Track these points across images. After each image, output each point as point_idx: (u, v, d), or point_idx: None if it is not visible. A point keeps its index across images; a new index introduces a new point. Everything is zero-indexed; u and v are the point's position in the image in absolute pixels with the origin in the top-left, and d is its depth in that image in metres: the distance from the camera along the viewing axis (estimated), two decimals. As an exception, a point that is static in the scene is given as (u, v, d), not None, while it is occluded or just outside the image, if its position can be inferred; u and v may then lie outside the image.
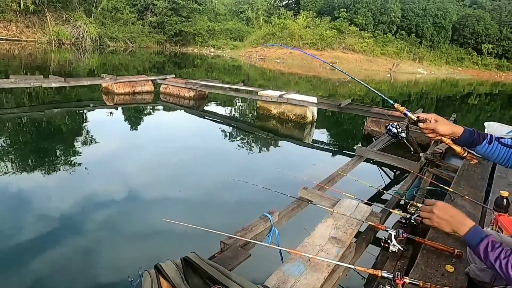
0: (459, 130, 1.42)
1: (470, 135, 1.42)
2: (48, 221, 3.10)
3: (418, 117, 1.43)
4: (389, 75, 24.94)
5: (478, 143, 1.42)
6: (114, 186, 3.88)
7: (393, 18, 30.27)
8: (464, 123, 9.44)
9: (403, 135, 1.57)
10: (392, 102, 1.56)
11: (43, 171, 4.24)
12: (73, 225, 3.09)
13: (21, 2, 23.23)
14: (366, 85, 1.64)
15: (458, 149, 1.45)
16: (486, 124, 4.69)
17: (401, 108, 1.49)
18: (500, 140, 1.43)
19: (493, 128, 4.54)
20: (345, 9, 30.01)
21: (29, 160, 4.62)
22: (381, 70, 27.11)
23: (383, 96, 1.64)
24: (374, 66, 27.70)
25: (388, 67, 27.74)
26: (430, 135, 1.42)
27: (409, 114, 1.46)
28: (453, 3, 34.04)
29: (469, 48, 32.30)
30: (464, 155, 1.48)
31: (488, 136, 1.43)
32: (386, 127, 1.47)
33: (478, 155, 1.49)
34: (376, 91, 1.64)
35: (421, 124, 1.42)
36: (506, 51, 31.92)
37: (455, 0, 35.40)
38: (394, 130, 1.58)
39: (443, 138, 1.44)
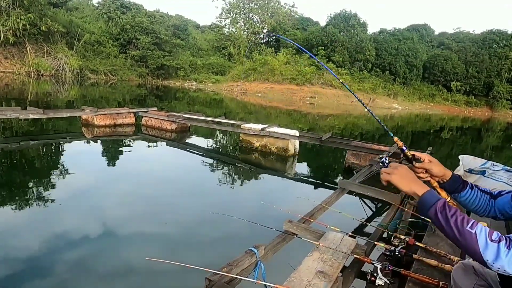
0: (449, 173, 1.44)
1: (457, 181, 1.45)
2: (18, 260, 2.92)
3: (413, 155, 1.44)
4: (366, 110, 25.85)
5: (463, 189, 1.45)
6: (92, 223, 3.73)
7: (368, 56, 31.94)
8: (439, 156, 9.79)
9: None
10: (392, 134, 1.56)
11: (14, 206, 4.03)
12: (46, 266, 2.91)
13: (1, 34, 23.14)
14: (377, 119, 1.64)
15: (443, 193, 1.46)
16: (460, 157, 4.85)
17: (400, 142, 1.47)
18: (478, 187, 1.47)
19: (467, 161, 4.71)
20: (323, 47, 31.50)
21: None
22: (359, 105, 28.09)
23: (385, 127, 1.65)
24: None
25: (365, 102, 28.80)
26: (421, 175, 1.42)
27: (406, 150, 1.46)
28: (423, 44, 36.44)
29: (439, 85, 34.23)
30: (448, 200, 1.50)
31: (470, 183, 1.47)
32: (380, 159, 1.47)
33: (458, 202, 1.51)
34: (380, 122, 1.66)
35: (416, 164, 1.43)
36: (473, 89, 34.00)
37: (424, 41, 37.94)
38: (388, 162, 1.57)
39: (432, 179, 1.45)
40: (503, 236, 1.06)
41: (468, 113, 32.54)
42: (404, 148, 1.46)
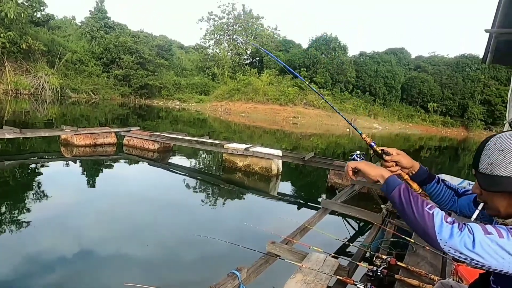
0: (417, 165, 1.50)
1: (424, 173, 1.52)
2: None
3: (382, 149, 1.50)
4: (348, 130, 26.34)
5: (429, 182, 1.52)
6: (69, 246, 3.59)
7: (348, 78, 32.87)
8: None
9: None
10: (360, 132, 1.63)
11: (-13, 230, 3.85)
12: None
13: (-21, 52, 22.68)
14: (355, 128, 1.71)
15: (415, 185, 1.52)
16: (437, 176, 4.99)
17: (368, 139, 1.55)
18: (445, 182, 1.55)
19: (445, 180, 4.84)
20: (305, 69, 32.22)
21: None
22: (340, 125, 28.63)
23: (354, 126, 1.71)
24: (334, 121, 29.25)
25: (346, 122, 29.39)
26: (392, 168, 1.47)
27: (374, 146, 1.53)
28: (400, 67, 37.84)
29: (417, 106, 35.44)
30: (419, 191, 1.55)
31: (437, 177, 1.54)
32: (351, 155, 1.52)
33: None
34: (351, 124, 1.72)
35: (386, 157, 1.49)
36: (449, 110, 35.37)
37: (402, 64, 39.42)
38: (358, 159, 1.62)
39: (402, 172, 1.49)
40: (457, 221, 1.10)
41: (445, 133, 33.64)
42: (372, 143, 1.53)
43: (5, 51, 23.76)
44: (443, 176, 4.97)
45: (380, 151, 1.50)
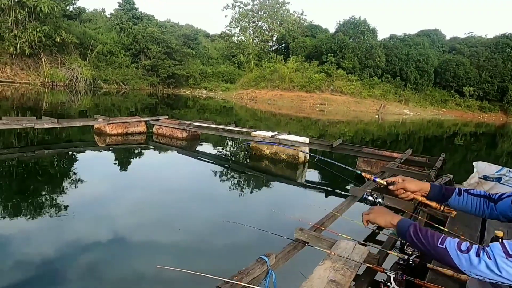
0: (426, 186, 1.52)
1: (439, 190, 1.50)
2: (31, 267, 2.96)
3: (386, 181, 1.56)
4: (377, 116, 25.65)
5: (448, 196, 1.48)
6: (104, 231, 3.77)
7: (378, 62, 31.76)
8: (453, 162, 9.62)
9: (380, 200, 1.73)
10: (360, 171, 1.75)
11: (28, 214, 4.10)
12: (58, 272, 2.94)
13: (18, 46, 23.83)
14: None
15: (433, 204, 1.52)
16: (474, 163, 4.77)
17: (368, 175, 1.63)
18: (469, 191, 1.49)
19: (482, 167, 4.62)
20: (332, 54, 31.45)
21: (14, 202, 4.49)
22: (369, 111, 27.93)
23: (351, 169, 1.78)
24: (362, 107, 28.57)
25: (375, 108, 28.61)
26: (403, 195, 1.53)
27: (378, 180, 1.57)
28: (434, 49, 36.13)
29: (452, 91, 33.81)
30: (441, 209, 1.53)
31: (457, 189, 1.49)
32: (362, 196, 1.62)
33: (453, 208, 1.55)
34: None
35: (391, 187, 1.52)
36: (486, 94, 33.48)
37: (435, 47, 37.60)
38: (371, 198, 1.74)
39: (415, 196, 1.53)
40: (472, 246, 1.11)
41: (482, 118, 31.98)
42: (375, 178, 1.59)
43: (41, 45, 24.86)
44: (479, 163, 4.74)
45: (384, 183, 1.55)
